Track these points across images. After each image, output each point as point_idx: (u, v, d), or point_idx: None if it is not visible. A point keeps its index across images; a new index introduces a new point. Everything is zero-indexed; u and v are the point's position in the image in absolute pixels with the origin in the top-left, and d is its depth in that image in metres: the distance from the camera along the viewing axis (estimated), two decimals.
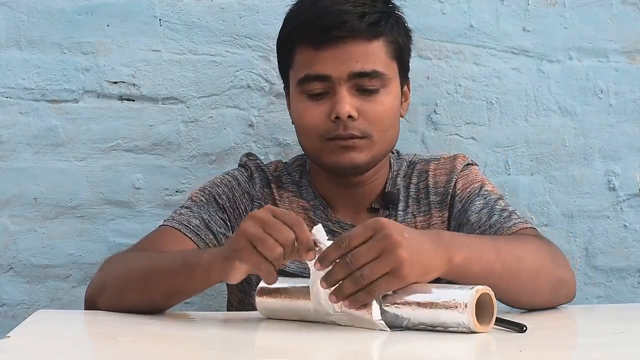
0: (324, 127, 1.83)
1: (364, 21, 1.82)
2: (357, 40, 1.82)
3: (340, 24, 1.81)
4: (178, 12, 2.21)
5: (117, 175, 2.21)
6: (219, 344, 1.55)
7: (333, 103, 1.83)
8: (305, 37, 1.84)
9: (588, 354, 1.47)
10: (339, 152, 1.84)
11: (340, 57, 1.82)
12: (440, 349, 1.51)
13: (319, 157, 1.87)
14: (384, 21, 1.85)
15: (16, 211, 2.20)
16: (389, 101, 1.86)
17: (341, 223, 1.90)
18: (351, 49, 1.82)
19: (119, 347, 1.49)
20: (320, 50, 1.82)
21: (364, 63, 1.82)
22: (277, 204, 1.92)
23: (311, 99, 1.85)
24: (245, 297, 1.90)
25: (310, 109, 1.85)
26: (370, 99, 1.84)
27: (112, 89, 2.21)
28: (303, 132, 1.87)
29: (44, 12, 2.19)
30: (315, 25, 1.82)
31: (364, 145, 1.84)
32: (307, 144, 1.88)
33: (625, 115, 2.27)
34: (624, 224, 2.27)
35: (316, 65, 1.83)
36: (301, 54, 1.85)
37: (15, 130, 2.20)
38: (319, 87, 1.84)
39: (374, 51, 1.84)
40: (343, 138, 1.83)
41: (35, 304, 2.21)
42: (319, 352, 1.48)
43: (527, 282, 1.67)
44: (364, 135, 1.83)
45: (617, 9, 2.25)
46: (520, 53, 2.25)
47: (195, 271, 1.64)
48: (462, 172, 1.93)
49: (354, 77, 1.82)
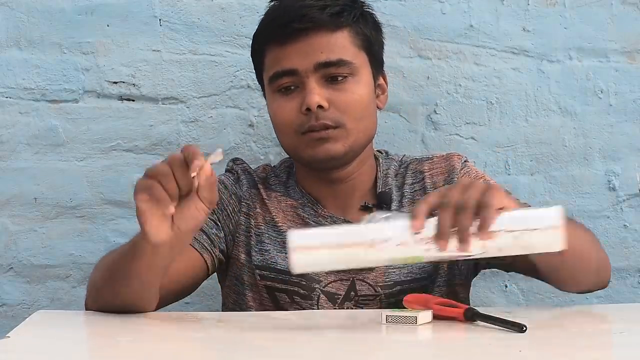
0: (297, 121, 1.85)
1: (325, 12, 1.85)
2: (320, 32, 1.84)
3: (301, 16, 1.84)
4: (178, 12, 2.21)
5: (117, 175, 2.21)
6: (219, 344, 1.55)
7: (303, 96, 1.84)
8: (272, 36, 1.87)
9: (588, 354, 1.47)
10: (314, 144, 1.84)
11: (304, 49, 1.84)
12: (440, 349, 1.51)
13: (297, 153, 1.88)
14: (347, 12, 1.87)
15: (16, 211, 2.20)
16: (360, 90, 1.87)
17: (333, 217, 1.90)
18: (314, 41, 1.84)
19: (119, 347, 1.49)
20: (286, 45, 1.85)
21: (329, 53, 1.84)
22: (266, 203, 1.92)
23: (282, 95, 1.87)
24: (239, 297, 1.90)
25: (282, 105, 1.87)
26: (339, 87, 1.85)
27: (112, 89, 2.21)
28: (279, 129, 1.89)
29: (44, 12, 2.19)
30: (279, 21, 1.86)
31: (338, 135, 1.84)
32: (284, 140, 1.89)
33: (625, 115, 2.26)
34: (624, 224, 2.27)
35: (283, 60, 1.85)
36: (270, 53, 1.88)
37: (15, 130, 2.20)
38: (288, 82, 1.86)
39: (338, 41, 1.86)
40: (316, 130, 1.84)
41: (35, 304, 2.21)
42: (319, 352, 1.48)
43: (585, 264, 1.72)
44: (337, 124, 1.84)
45: (617, 9, 2.25)
46: (520, 53, 2.25)
47: (134, 245, 1.62)
48: (463, 170, 1.93)
49: (320, 68, 1.84)
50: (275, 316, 1.78)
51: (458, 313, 1.61)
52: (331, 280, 1.86)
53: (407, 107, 2.24)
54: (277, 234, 1.89)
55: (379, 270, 1.86)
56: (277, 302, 1.86)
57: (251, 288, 1.89)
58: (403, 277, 1.86)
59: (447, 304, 1.65)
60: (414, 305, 1.67)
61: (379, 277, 1.86)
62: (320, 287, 1.85)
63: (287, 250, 1.50)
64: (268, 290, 1.87)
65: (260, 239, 1.90)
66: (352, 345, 1.50)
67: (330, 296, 1.85)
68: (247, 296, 1.89)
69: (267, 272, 1.87)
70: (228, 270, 1.92)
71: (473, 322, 1.59)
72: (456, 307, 1.63)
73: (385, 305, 1.83)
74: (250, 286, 1.89)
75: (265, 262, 1.87)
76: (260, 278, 1.87)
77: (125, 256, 1.65)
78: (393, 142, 2.21)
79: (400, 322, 1.58)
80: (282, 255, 1.87)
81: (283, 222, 1.90)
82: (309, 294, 1.85)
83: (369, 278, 1.86)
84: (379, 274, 1.86)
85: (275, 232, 1.90)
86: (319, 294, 1.85)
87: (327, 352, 1.48)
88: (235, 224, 1.91)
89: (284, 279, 1.86)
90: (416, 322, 1.57)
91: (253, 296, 1.89)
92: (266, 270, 1.87)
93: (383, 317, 1.59)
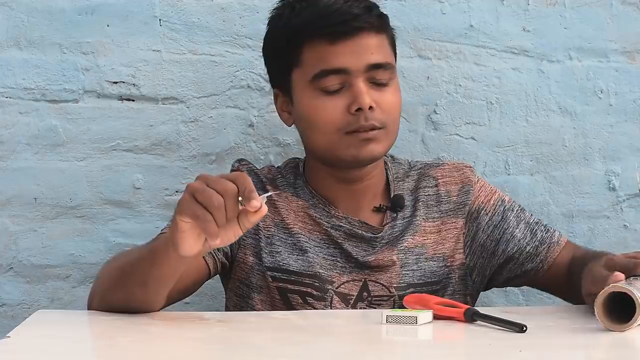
0: (344, 121, 1.84)
1: (373, 14, 1.86)
2: (371, 33, 1.85)
3: (355, 15, 1.84)
4: (178, 12, 2.21)
5: (117, 175, 2.21)
6: (219, 344, 1.55)
7: (351, 96, 1.84)
8: (319, 32, 1.84)
9: (588, 354, 1.47)
10: (359, 145, 1.84)
11: (356, 49, 1.84)
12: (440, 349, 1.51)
13: (335, 152, 1.86)
14: (385, 16, 1.90)
15: (16, 211, 2.20)
16: (398, 92, 1.89)
17: (348, 219, 1.89)
18: (366, 41, 1.85)
19: (119, 347, 1.49)
20: (336, 43, 1.84)
21: (378, 55, 1.85)
22: (276, 203, 1.91)
23: (326, 95, 1.85)
24: (242, 300, 1.90)
25: (325, 104, 1.85)
26: (383, 90, 1.86)
27: (112, 89, 2.21)
28: (318, 127, 1.86)
29: (44, 12, 2.19)
30: (330, 19, 1.84)
31: (382, 136, 1.85)
32: (322, 140, 1.87)
33: (625, 115, 2.26)
34: (624, 224, 2.27)
35: (332, 59, 1.84)
36: (313, 49, 1.85)
37: (15, 130, 2.20)
38: (336, 82, 1.84)
39: (383, 43, 1.88)
40: (364, 130, 1.84)
41: (35, 304, 2.21)
42: (319, 352, 1.48)
43: None
44: (382, 125, 1.85)
45: (617, 9, 2.25)
46: (520, 53, 2.25)
47: (156, 252, 1.63)
48: (479, 184, 1.96)
49: (370, 69, 1.85)
50: (275, 316, 1.78)
51: (458, 313, 1.61)
52: (344, 281, 1.86)
53: (407, 107, 2.23)
54: (288, 235, 1.89)
55: (393, 272, 1.86)
56: (290, 303, 1.85)
57: (260, 290, 1.88)
58: (416, 280, 1.87)
59: (447, 304, 1.65)
60: (414, 305, 1.67)
61: (393, 278, 1.86)
62: (333, 288, 1.85)
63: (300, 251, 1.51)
64: (280, 291, 1.86)
65: (270, 240, 1.88)
66: (352, 345, 1.50)
67: (343, 297, 1.85)
68: (254, 299, 1.88)
69: (279, 274, 1.86)
70: (232, 274, 1.91)
71: (473, 322, 1.59)
72: (456, 307, 1.63)
73: (398, 306, 1.83)
74: (259, 288, 1.88)
75: (276, 263, 1.87)
76: (272, 280, 1.86)
77: (143, 260, 1.66)
78: None
79: (400, 322, 1.58)
80: (294, 257, 1.86)
81: (294, 223, 1.89)
82: (322, 295, 1.85)
83: (382, 279, 1.86)
84: (394, 274, 1.86)
85: (286, 233, 1.89)
86: (332, 295, 1.85)
87: (327, 352, 1.48)
88: None
89: (297, 280, 1.85)
90: (416, 322, 1.57)
91: (262, 299, 1.88)
92: (278, 272, 1.86)
93: (383, 317, 1.59)
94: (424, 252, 1.89)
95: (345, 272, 1.86)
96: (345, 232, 1.88)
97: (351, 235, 1.88)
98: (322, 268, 1.86)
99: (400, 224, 1.91)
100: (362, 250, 1.87)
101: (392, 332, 1.57)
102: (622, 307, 1.51)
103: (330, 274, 1.86)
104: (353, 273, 1.87)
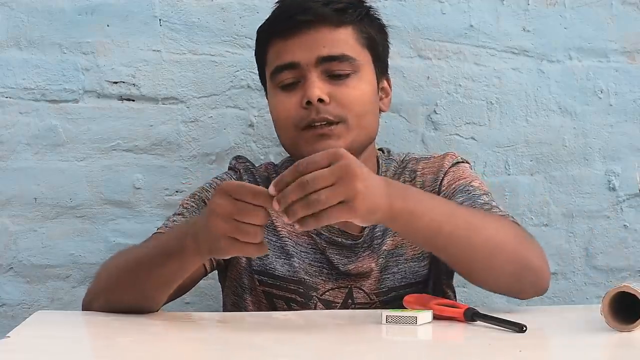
0: (297, 116, 1.83)
1: (329, 7, 1.84)
2: (323, 26, 1.83)
3: (305, 9, 1.83)
4: (178, 12, 2.21)
5: (117, 175, 2.21)
6: (219, 344, 1.55)
7: (304, 90, 1.83)
8: (275, 31, 1.86)
9: (588, 354, 1.47)
10: (315, 140, 1.82)
11: (307, 43, 1.83)
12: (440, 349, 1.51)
13: (297, 149, 1.85)
14: (351, 10, 1.86)
15: (16, 211, 2.20)
16: (362, 86, 1.85)
17: (328, 226, 1.86)
18: (318, 35, 1.83)
19: (119, 347, 1.49)
20: (288, 39, 1.84)
21: (331, 47, 1.83)
22: None
23: (284, 90, 1.85)
24: (239, 300, 1.90)
25: (283, 100, 1.85)
26: (342, 82, 1.83)
27: (112, 89, 2.21)
28: (278, 125, 1.87)
29: (44, 12, 2.19)
30: (282, 16, 1.86)
31: (340, 132, 1.82)
32: (284, 137, 1.87)
33: (625, 115, 2.26)
34: (624, 224, 2.27)
35: (285, 54, 1.84)
36: (272, 48, 1.87)
37: (15, 130, 2.20)
38: (289, 77, 1.84)
39: (342, 37, 1.85)
40: (317, 125, 1.81)
41: (35, 304, 2.21)
42: (319, 352, 1.48)
43: (482, 254, 1.65)
44: (338, 119, 1.82)
45: (617, 9, 2.25)
46: (520, 53, 2.25)
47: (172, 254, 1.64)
48: (450, 169, 1.90)
49: (322, 62, 1.83)
50: (275, 316, 1.78)
51: (458, 313, 1.61)
52: (329, 289, 1.85)
53: (407, 107, 2.24)
54: (277, 238, 1.88)
55: (373, 278, 1.85)
56: (275, 307, 1.85)
57: (250, 292, 1.88)
58: (397, 283, 1.86)
59: (447, 304, 1.65)
60: (414, 305, 1.67)
61: (373, 285, 1.85)
62: (318, 295, 1.84)
63: (286, 256, 1.52)
64: (266, 295, 1.86)
65: None
66: (352, 345, 1.50)
67: (327, 304, 1.84)
68: (247, 300, 1.88)
69: (266, 278, 1.86)
70: (228, 272, 1.92)
71: (473, 322, 1.59)
72: (456, 307, 1.63)
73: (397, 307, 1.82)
74: (250, 290, 1.88)
75: (263, 267, 1.87)
76: (259, 283, 1.87)
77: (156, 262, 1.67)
78: (393, 142, 2.21)
79: (400, 322, 1.58)
80: (281, 262, 1.86)
81: (282, 226, 1.89)
82: (307, 301, 1.84)
83: (364, 285, 1.85)
84: (374, 281, 1.85)
85: (275, 236, 1.88)
86: (316, 302, 1.84)
87: (327, 352, 1.48)
88: None
89: (282, 285, 1.85)
90: (416, 322, 1.57)
91: (252, 300, 1.88)
92: (264, 276, 1.86)
93: (383, 317, 1.59)
94: (403, 254, 1.87)
95: (331, 279, 1.85)
96: (326, 240, 1.87)
97: (331, 243, 1.87)
98: (307, 274, 1.85)
99: (381, 225, 1.89)
100: (343, 258, 1.86)
101: (392, 332, 1.57)
102: (628, 307, 1.51)
103: (315, 280, 1.85)
104: (339, 280, 1.85)
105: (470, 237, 1.64)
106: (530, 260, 1.70)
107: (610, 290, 1.51)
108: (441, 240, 1.61)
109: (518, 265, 1.69)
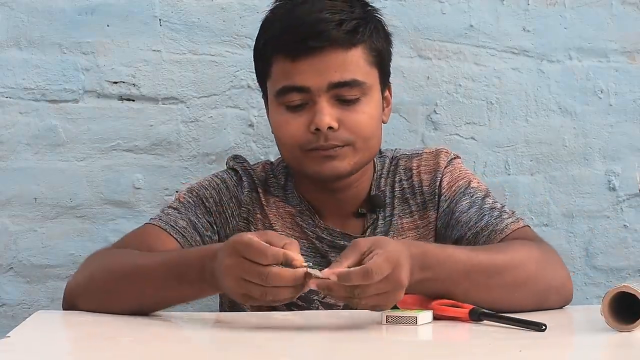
0: (304, 139, 1.80)
1: (342, 29, 1.78)
2: (335, 50, 1.78)
3: (317, 33, 1.77)
4: (178, 12, 2.21)
5: (117, 175, 2.21)
6: (219, 344, 1.55)
7: (312, 114, 1.79)
8: (282, 48, 1.80)
9: (588, 354, 1.47)
10: (321, 161, 1.80)
11: (318, 67, 1.78)
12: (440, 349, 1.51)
13: (300, 167, 1.84)
14: (362, 28, 1.81)
15: (16, 211, 2.20)
16: (370, 110, 1.82)
17: (330, 230, 1.88)
18: (329, 59, 1.78)
19: (119, 347, 1.49)
20: (298, 61, 1.78)
21: (342, 73, 1.79)
22: (264, 209, 1.89)
23: (290, 111, 1.81)
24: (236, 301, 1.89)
25: (289, 121, 1.81)
26: (351, 108, 1.80)
27: (112, 89, 2.21)
28: (282, 142, 1.84)
29: (44, 12, 2.19)
30: (292, 35, 1.79)
31: (346, 153, 1.81)
32: (287, 155, 1.85)
33: (625, 115, 2.26)
34: (624, 224, 2.27)
35: (294, 76, 1.79)
36: (278, 64, 1.82)
37: (15, 130, 2.20)
38: (297, 99, 1.80)
39: (353, 60, 1.80)
40: (324, 149, 1.80)
41: (35, 304, 2.21)
42: (319, 352, 1.48)
43: (504, 294, 1.67)
44: (345, 144, 1.80)
45: (617, 9, 2.25)
46: (520, 53, 2.25)
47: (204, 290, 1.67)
48: (447, 169, 1.90)
49: (333, 88, 1.79)
50: (275, 316, 1.78)
51: (462, 313, 1.61)
52: None
53: (407, 107, 2.24)
54: None
55: None
56: (275, 309, 1.84)
57: None
58: None
59: (449, 304, 1.65)
60: (414, 306, 1.67)
61: None
62: (319, 298, 1.84)
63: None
64: None
65: None
66: (352, 345, 1.50)
67: (328, 307, 1.84)
68: None
69: None
70: None
71: (480, 321, 1.59)
72: (459, 307, 1.63)
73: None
74: None
75: None
76: None
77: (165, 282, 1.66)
78: (393, 142, 2.21)
79: (400, 322, 1.58)
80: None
81: (282, 229, 1.88)
82: (308, 305, 1.83)
83: None
84: None
85: None
86: (318, 305, 1.84)
87: (327, 352, 1.48)
88: (233, 229, 1.88)
89: None
90: (416, 322, 1.57)
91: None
92: None
93: (383, 317, 1.59)
94: None
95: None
96: (328, 244, 1.87)
97: (334, 247, 1.86)
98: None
99: (382, 224, 1.88)
100: None
101: (392, 332, 1.57)
102: (628, 307, 1.51)
103: None
104: None
105: (490, 284, 1.66)
106: (552, 281, 1.74)
107: (610, 290, 1.51)
108: (461, 293, 1.64)
109: (542, 291, 1.72)
